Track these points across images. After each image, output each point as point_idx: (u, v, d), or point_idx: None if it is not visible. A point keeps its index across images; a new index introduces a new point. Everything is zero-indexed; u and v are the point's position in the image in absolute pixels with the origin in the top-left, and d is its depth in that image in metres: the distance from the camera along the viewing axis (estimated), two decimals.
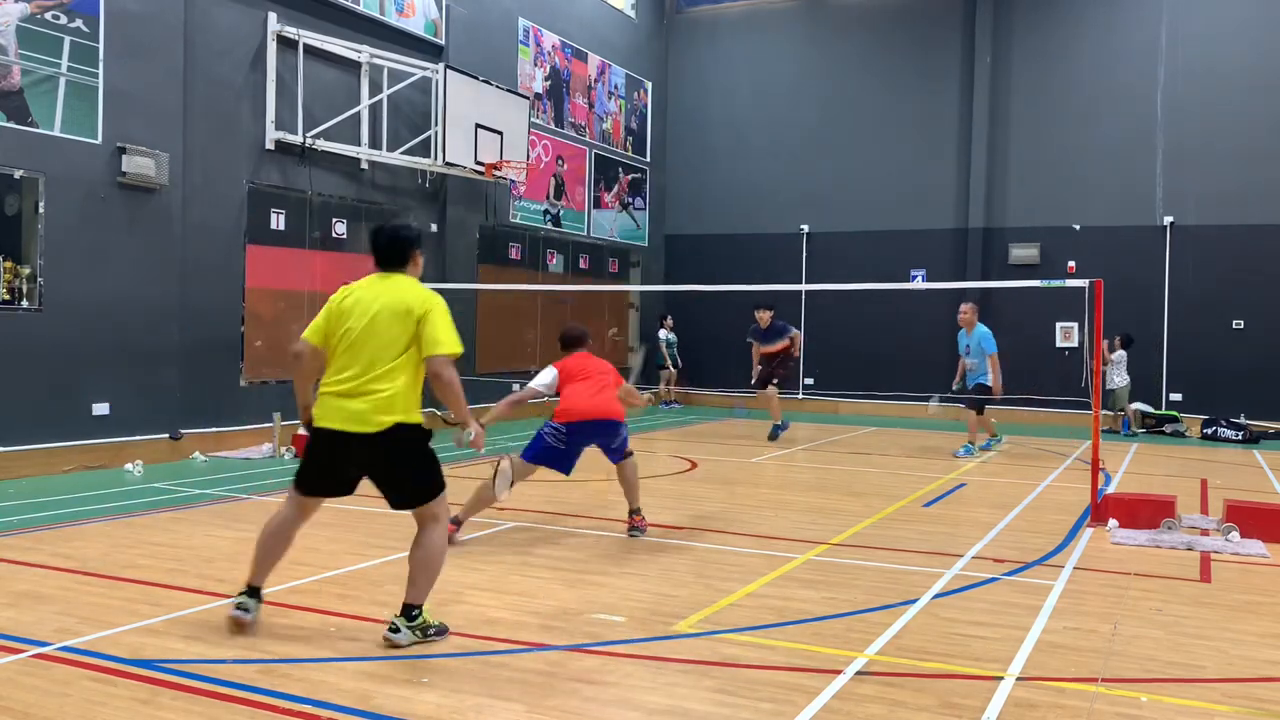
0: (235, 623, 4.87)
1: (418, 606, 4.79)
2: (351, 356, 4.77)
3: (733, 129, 20.71)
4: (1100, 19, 17.92)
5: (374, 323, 4.77)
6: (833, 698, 4.18)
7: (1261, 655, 4.88)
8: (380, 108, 13.84)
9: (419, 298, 4.83)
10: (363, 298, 4.87)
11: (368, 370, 4.73)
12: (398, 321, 4.76)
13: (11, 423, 9.59)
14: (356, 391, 4.72)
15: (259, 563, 4.99)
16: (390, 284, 4.90)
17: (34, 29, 9.71)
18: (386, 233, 5.01)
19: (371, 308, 4.80)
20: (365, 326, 4.77)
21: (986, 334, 12.77)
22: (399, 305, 4.78)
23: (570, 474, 7.50)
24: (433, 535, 4.86)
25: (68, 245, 10.05)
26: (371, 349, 4.75)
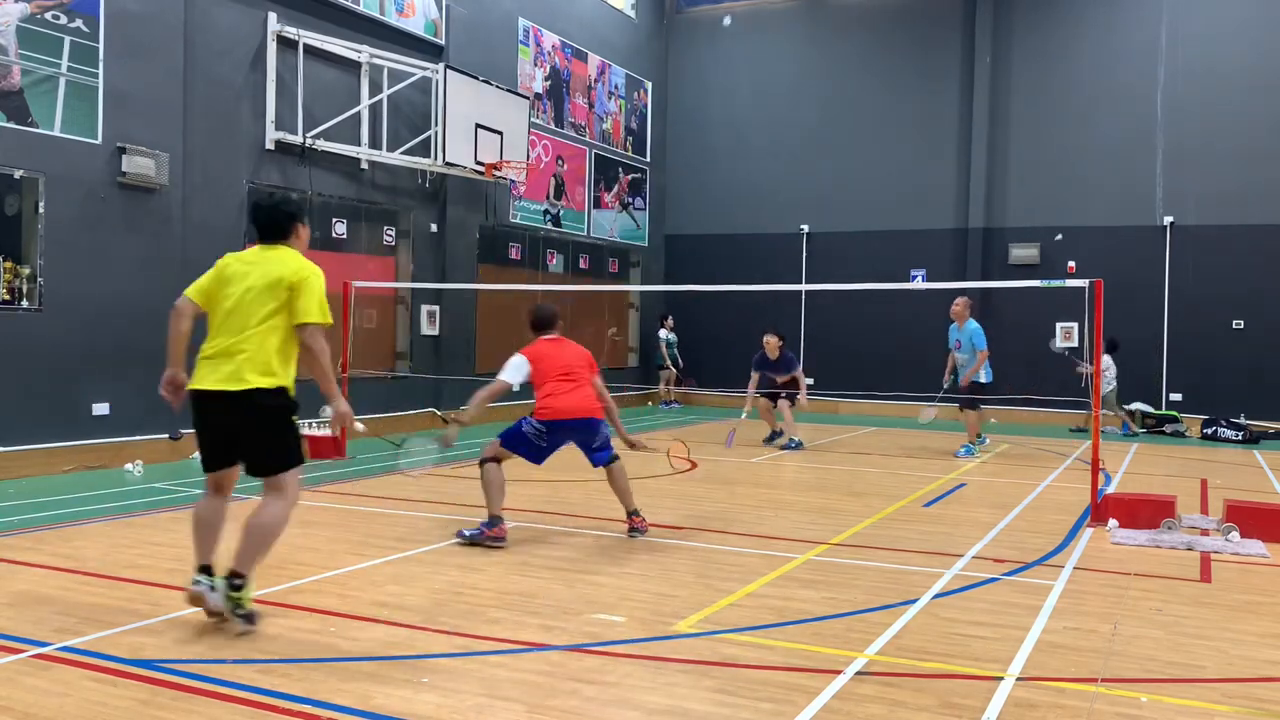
0: (194, 597, 4.94)
1: (242, 575, 4.86)
2: (225, 322, 4.95)
3: (733, 129, 20.71)
4: (1100, 19, 17.92)
5: (248, 291, 4.94)
6: (833, 698, 4.18)
7: (1261, 655, 4.88)
8: (380, 108, 13.84)
9: (293, 268, 4.98)
10: (241, 268, 5.05)
11: (237, 334, 4.89)
12: (269, 290, 4.92)
13: (11, 423, 9.58)
14: (225, 353, 4.88)
15: (198, 544, 5.08)
16: (270, 254, 5.08)
17: (34, 29, 9.71)
18: (266, 207, 5.19)
19: (249, 277, 4.98)
20: (240, 294, 4.94)
21: (978, 330, 12.68)
22: (273, 275, 4.95)
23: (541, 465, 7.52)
24: (274, 507, 4.97)
25: (68, 245, 10.05)
26: (242, 316, 4.92)
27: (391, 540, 7.08)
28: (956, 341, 12.89)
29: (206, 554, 5.06)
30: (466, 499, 8.82)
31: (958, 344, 12.87)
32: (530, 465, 7.52)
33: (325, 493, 9.06)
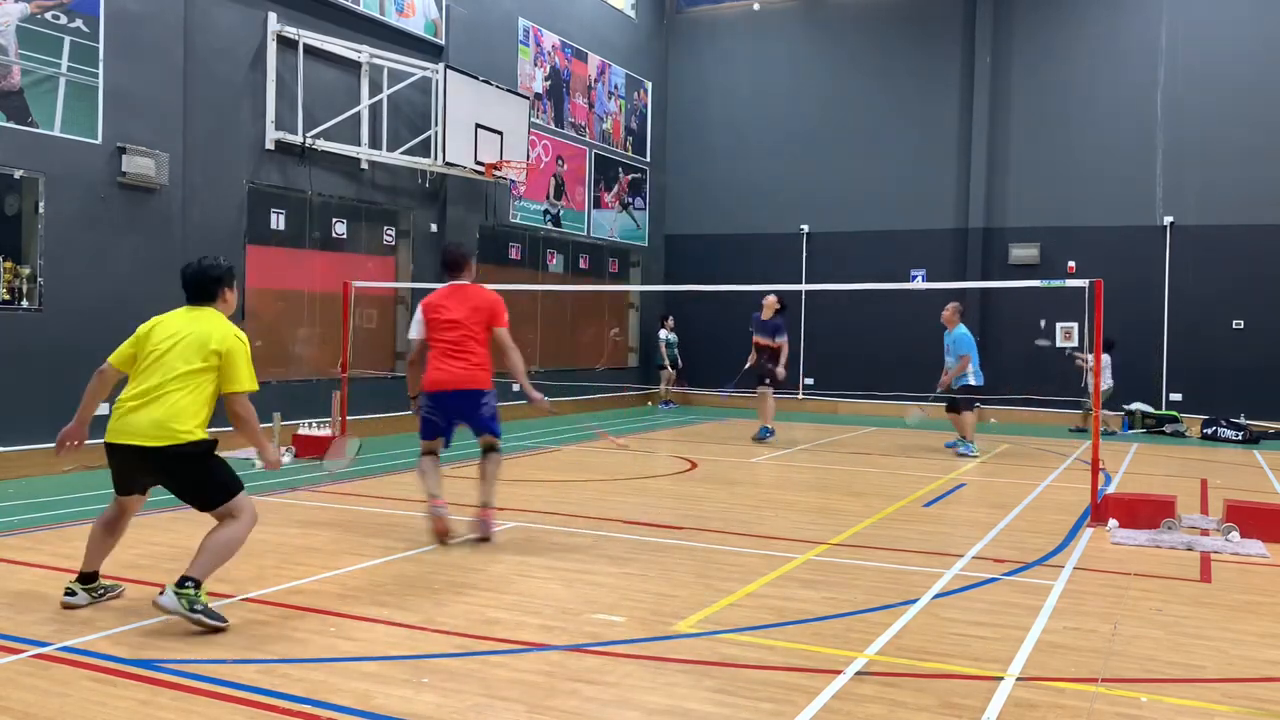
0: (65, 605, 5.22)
1: (194, 580, 4.93)
2: (144, 378, 5.11)
3: (733, 129, 20.71)
4: (1100, 19, 17.92)
5: (175, 345, 5.11)
6: (833, 698, 4.18)
7: (1261, 655, 4.88)
8: (380, 108, 13.84)
9: (221, 334, 5.16)
10: (169, 327, 5.21)
11: (154, 390, 5.05)
12: (195, 351, 5.09)
13: (11, 423, 9.59)
14: (140, 408, 5.04)
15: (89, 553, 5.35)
16: (199, 315, 5.25)
17: (34, 29, 9.71)
18: (194, 270, 5.32)
19: (177, 336, 5.14)
20: (166, 348, 5.11)
21: (964, 335, 12.81)
22: (202, 337, 5.12)
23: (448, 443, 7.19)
24: (232, 528, 5.16)
25: (68, 245, 10.05)
26: (162, 371, 5.07)
27: (391, 540, 7.07)
28: (947, 346, 12.99)
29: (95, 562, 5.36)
30: (466, 498, 8.82)
31: (948, 349, 12.98)
32: (533, 467, 7.51)
33: (325, 493, 9.06)
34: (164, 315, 5.29)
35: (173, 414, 5.00)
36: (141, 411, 5.02)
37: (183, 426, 5.02)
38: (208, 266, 5.31)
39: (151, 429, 4.99)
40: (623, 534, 7.48)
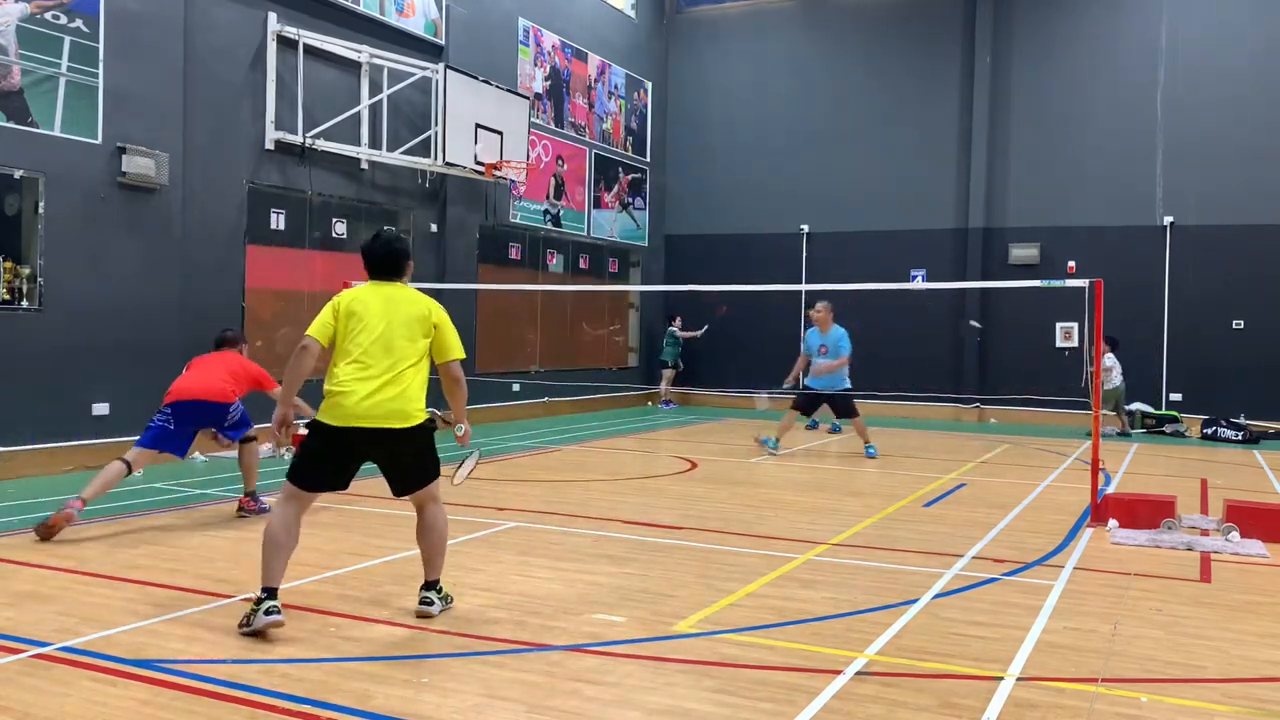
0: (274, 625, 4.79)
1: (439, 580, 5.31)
2: (373, 357, 5.04)
3: (733, 129, 20.70)
4: (1100, 19, 17.91)
5: (392, 326, 5.11)
6: (833, 698, 4.18)
7: (1261, 655, 4.88)
8: (380, 108, 13.84)
9: (430, 307, 5.27)
10: (373, 301, 5.17)
11: (393, 369, 5.04)
12: (418, 326, 5.17)
13: (11, 423, 9.58)
14: (387, 389, 5.00)
15: (274, 566, 4.95)
16: (398, 291, 5.27)
17: (34, 29, 9.71)
18: (382, 244, 5.32)
19: (389, 312, 5.14)
20: (385, 329, 5.09)
21: (844, 334, 12.48)
22: (415, 312, 5.20)
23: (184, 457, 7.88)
24: (438, 515, 5.29)
25: (68, 245, 10.05)
26: (396, 351, 5.08)
27: (391, 540, 7.08)
28: (821, 346, 12.47)
29: (279, 576, 4.95)
30: (466, 498, 8.83)
31: (822, 349, 12.47)
32: (533, 467, 7.52)
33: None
34: (357, 290, 5.23)
35: (410, 394, 5.05)
36: (380, 393, 4.96)
37: (417, 406, 5.09)
38: (393, 240, 5.33)
39: (394, 411, 4.99)
40: (623, 534, 7.48)
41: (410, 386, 5.07)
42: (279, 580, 4.94)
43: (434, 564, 5.30)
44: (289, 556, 5.03)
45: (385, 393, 4.99)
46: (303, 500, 5.10)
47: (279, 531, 4.99)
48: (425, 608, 5.20)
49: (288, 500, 5.08)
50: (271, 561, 4.93)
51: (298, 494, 5.07)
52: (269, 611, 4.78)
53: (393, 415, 4.99)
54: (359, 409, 4.95)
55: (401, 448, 5.08)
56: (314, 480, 5.09)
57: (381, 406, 4.97)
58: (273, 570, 4.92)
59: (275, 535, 4.98)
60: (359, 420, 4.96)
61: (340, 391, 4.99)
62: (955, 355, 18.79)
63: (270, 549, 4.95)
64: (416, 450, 5.14)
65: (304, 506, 5.12)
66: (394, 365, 5.04)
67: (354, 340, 5.07)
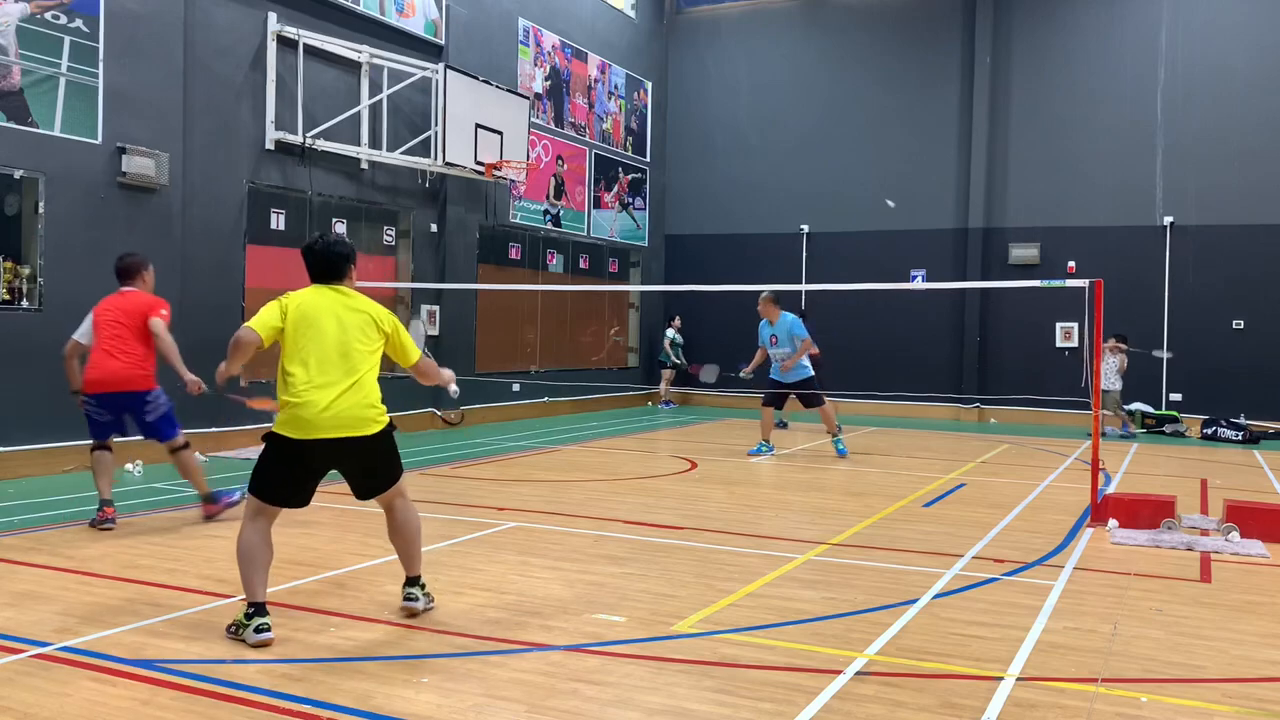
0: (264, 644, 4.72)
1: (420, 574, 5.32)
2: (329, 364, 4.95)
3: (733, 129, 20.71)
4: (1100, 19, 17.92)
5: (347, 331, 5.02)
6: (833, 698, 4.18)
7: (1261, 655, 4.88)
8: (380, 108, 13.84)
9: (379, 310, 5.21)
10: (322, 306, 5.05)
11: (351, 375, 4.96)
12: (371, 329, 5.10)
13: (11, 423, 9.58)
14: (347, 396, 4.93)
15: (257, 580, 4.85)
16: (344, 296, 5.15)
17: (34, 29, 9.71)
18: (322, 248, 5.20)
19: (341, 316, 5.04)
20: (338, 334, 5.00)
21: (795, 320, 12.33)
22: (366, 316, 5.12)
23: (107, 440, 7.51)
24: (408, 510, 5.26)
25: (68, 245, 10.05)
26: (352, 357, 5.00)
27: None
28: (772, 337, 12.34)
29: (262, 589, 4.86)
30: (466, 498, 8.83)
31: (774, 339, 12.33)
32: (533, 467, 7.52)
33: (325, 492, 9.01)
34: (303, 294, 5.09)
35: (370, 399, 4.99)
36: (341, 401, 4.88)
37: (379, 410, 5.04)
38: (335, 243, 5.22)
39: (357, 419, 4.92)
40: (623, 534, 7.48)
41: (370, 392, 5.01)
42: (264, 594, 4.86)
43: (413, 560, 5.27)
44: (269, 568, 4.96)
45: (346, 400, 4.90)
46: (269, 514, 4.99)
47: (254, 548, 4.87)
48: (410, 604, 5.23)
49: (255, 516, 4.94)
50: (252, 577, 4.84)
51: (263, 508, 4.96)
52: (259, 629, 4.73)
53: (356, 423, 4.92)
54: (320, 420, 4.85)
55: (367, 454, 5.02)
56: (278, 494, 4.97)
57: (344, 415, 4.89)
58: (255, 585, 4.83)
59: (251, 551, 4.86)
60: (322, 431, 4.86)
61: (299, 403, 4.86)
62: (955, 355, 18.79)
63: (249, 565, 4.86)
64: (382, 454, 5.09)
65: (272, 519, 5.01)
66: (351, 371, 4.95)
67: (305, 348, 4.94)
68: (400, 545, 5.27)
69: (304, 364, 4.93)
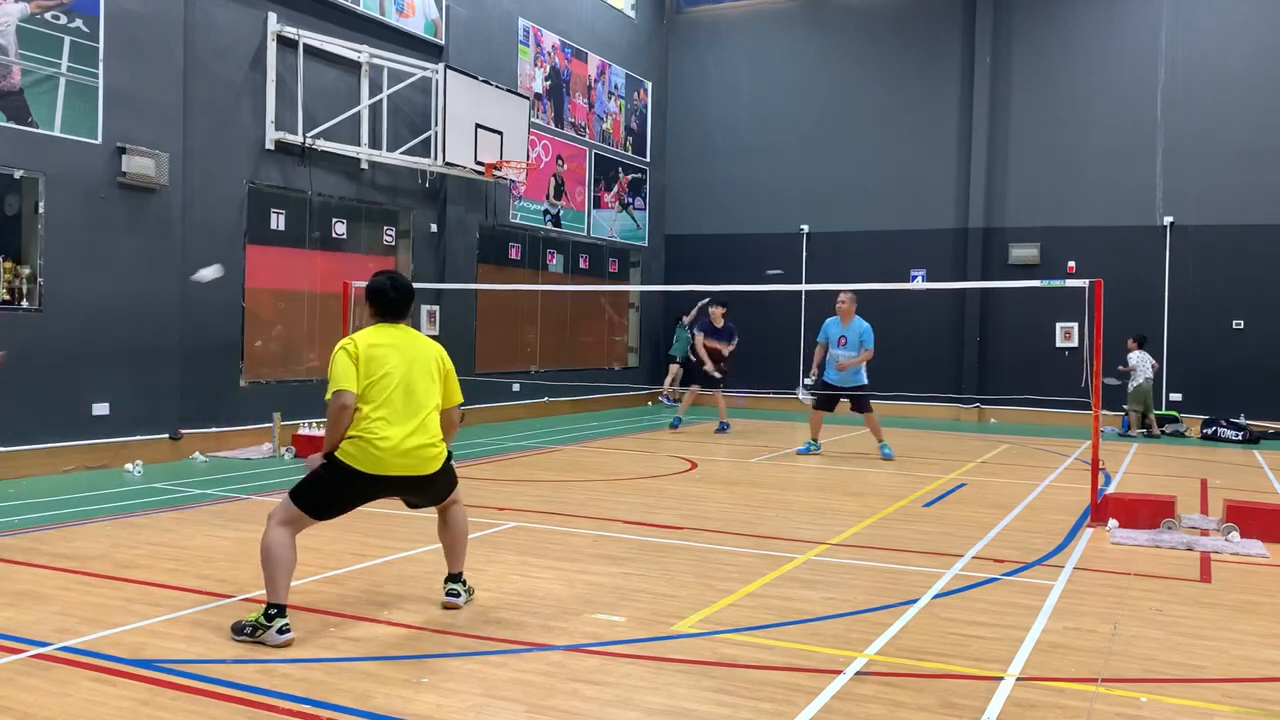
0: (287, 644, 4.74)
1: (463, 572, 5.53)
2: (400, 402, 5.08)
3: (733, 129, 20.70)
4: (1100, 19, 17.91)
5: (413, 370, 5.19)
6: (833, 698, 4.18)
7: (1261, 655, 4.88)
8: (380, 108, 13.84)
9: (440, 352, 5.43)
10: (390, 345, 5.19)
11: (418, 413, 5.13)
12: (434, 368, 5.31)
13: (11, 423, 9.58)
14: (418, 435, 5.10)
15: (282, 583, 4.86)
16: (409, 334, 5.35)
17: (34, 29, 9.71)
18: (403, 286, 5.38)
19: (408, 355, 5.20)
20: (406, 373, 5.15)
21: (868, 328, 12.43)
22: (430, 355, 5.33)
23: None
24: (458, 512, 5.55)
25: (68, 245, 10.05)
26: (419, 395, 5.16)
27: (392, 540, 7.08)
28: (841, 338, 12.46)
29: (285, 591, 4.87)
30: (466, 499, 8.80)
31: (842, 340, 12.46)
32: (533, 467, 7.51)
33: None
34: (369, 333, 5.19)
35: (435, 437, 5.19)
36: (413, 439, 5.04)
37: (441, 448, 5.24)
38: (406, 285, 5.39)
39: (428, 458, 5.12)
40: (623, 534, 7.48)
41: (435, 430, 5.20)
42: (287, 596, 4.87)
43: (457, 557, 5.49)
44: (293, 571, 4.95)
45: (417, 439, 5.07)
46: (305, 524, 5.03)
47: (283, 550, 4.89)
48: (451, 599, 5.40)
49: (290, 523, 4.96)
50: (278, 579, 4.84)
51: (302, 518, 4.99)
52: (282, 630, 4.75)
53: (423, 463, 5.11)
54: (392, 456, 4.98)
55: (429, 485, 5.25)
56: (325, 511, 5.11)
57: (416, 454, 5.06)
58: (280, 587, 4.83)
59: (279, 554, 4.87)
60: (392, 469, 5.01)
61: (370, 438, 4.95)
62: (955, 355, 18.79)
63: (275, 567, 4.86)
64: (441, 482, 5.33)
65: (304, 528, 5.06)
66: (418, 409, 5.11)
67: (378, 385, 5.04)
68: (448, 542, 5.51)
69: (373, 401, 5.03)
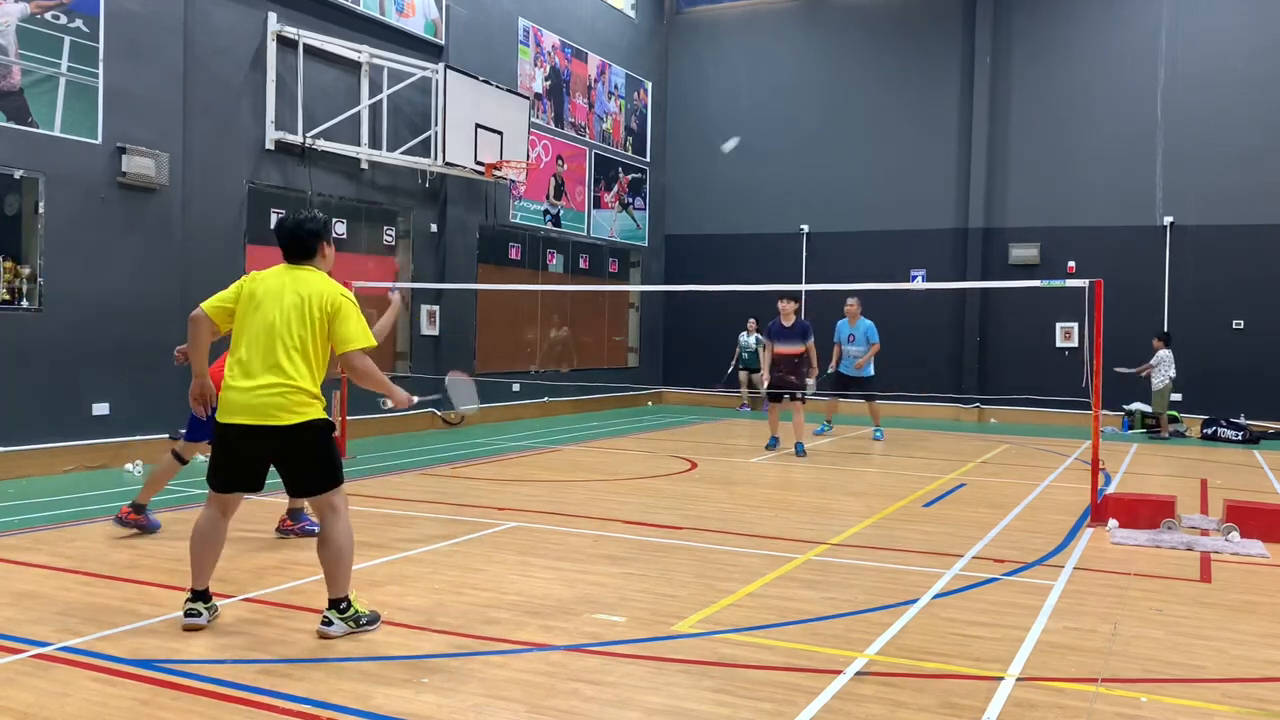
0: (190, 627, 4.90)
1: (344, 598, 4.83)
2: (258, 345, 4.79)
3: (733, 129, 20.65)
4: (1100, 19, 17.91)
5: (285, 312, 4.81)
6: (833, 698, 4.18)
7: (1261, 655, 4.88)
8: (380, 108, 13.84)
9: (330, 291, 4.90)
10: (272, 285, 4.90)
11: (272, 358, 4.75)
12: (313, 312, 4.83)
13: (11, 423, 9.58)
14: (265, 378, 4.73)
15: (198, 566, 4.98)
16: (302, 274, 4.96)
17: (34, 29, 9.71)
18: (290, 224, 5.04)
19: (284, 296, 4.84)
20: (275, 316, 4.80)
21: (871, 325, 14.51)
22: (311, 296, 4.85)
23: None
24: (334, 528, 4.87)
25: (68, 245, 10.05)
26: (282, 340, 4.78)
27: (391, 540, 7.08)
28: (850, 335, 14.68)
29: (205, 577, 4.99)
30: (466, 498, 8.83)
31: (850, 338, 14.71)
32: (534, 467, 7.50)
33: None
34: (262, 272, 4.98)
35: (294, 387, 4.72)
36: (258, 385, 4.70)
37: (301, 400, 4.74)
38: (305, 219, 5.03)
39: (273, 405, 4.68)
40: (623, 534, 7.48)
41: (295, 379, 4.72)
42: (205, 582, 4.97)
43: (333, 580, 4.85)
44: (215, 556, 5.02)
45: (263, 383, 4.70)
46: (221, 501, 4.97)
47: (197, 535, 4.94)
48: (324, 628, 4.80)
49: (208, 502, 5.00)
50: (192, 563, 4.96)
51: (214, 495, 4.99)
52: (189, 614, 4.89)
53: (272, 410, 4.69)
54: (239, 402, 4.73)
55: (284, 445, 4.77)
56: (223, 480, 4.92)
57: (260, 400, 4.69)
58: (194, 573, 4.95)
59: (193, 538, 4.95)
60: (241, 416, 4.73)
61: (226, 385, 4.80)
62: (955, 355, 18.79)
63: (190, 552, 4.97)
64: (299, 450, 4.80)
65: (224, 506, 4.99)
66: (273, 354, 4.73)
67: (243, 328, 4.84)
68: (320, 560, 4.90)
69: (237, 343, 4.85)
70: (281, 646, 4.72)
